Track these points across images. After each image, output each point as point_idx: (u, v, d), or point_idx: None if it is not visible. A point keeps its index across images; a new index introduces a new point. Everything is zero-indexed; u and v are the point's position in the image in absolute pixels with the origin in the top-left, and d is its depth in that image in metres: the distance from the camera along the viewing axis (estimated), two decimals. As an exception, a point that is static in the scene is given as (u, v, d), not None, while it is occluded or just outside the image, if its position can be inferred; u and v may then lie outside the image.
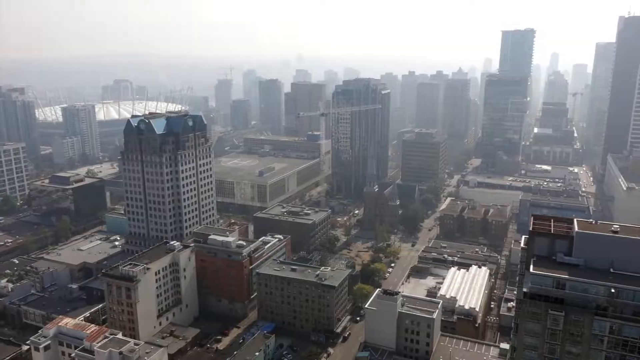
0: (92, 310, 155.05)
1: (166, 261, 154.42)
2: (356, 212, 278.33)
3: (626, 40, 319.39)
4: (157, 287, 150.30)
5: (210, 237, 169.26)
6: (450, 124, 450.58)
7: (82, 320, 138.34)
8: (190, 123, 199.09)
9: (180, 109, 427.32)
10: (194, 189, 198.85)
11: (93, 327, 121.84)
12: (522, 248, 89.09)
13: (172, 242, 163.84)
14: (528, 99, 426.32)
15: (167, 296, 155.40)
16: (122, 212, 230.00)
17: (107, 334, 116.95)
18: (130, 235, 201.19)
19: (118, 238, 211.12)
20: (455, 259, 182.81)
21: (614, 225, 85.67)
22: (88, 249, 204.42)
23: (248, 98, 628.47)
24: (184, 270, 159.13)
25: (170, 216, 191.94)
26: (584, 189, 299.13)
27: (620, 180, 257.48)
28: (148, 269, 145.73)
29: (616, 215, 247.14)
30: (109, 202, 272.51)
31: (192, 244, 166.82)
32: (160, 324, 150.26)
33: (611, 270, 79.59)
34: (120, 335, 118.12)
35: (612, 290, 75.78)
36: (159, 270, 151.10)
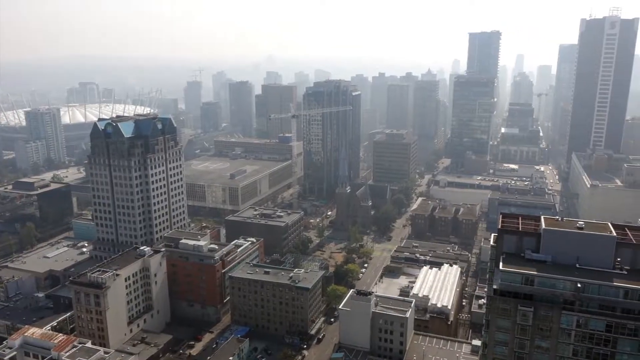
0: (60, 319, 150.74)
1: (136, 267, 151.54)
2: (329, 213, 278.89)
3: (588, 42, 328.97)
4: (127, 294, 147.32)
5: (181, 241, 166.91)
6: (420, 124, 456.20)
7: (49, 329, 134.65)
8: (160, 126, 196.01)
9: (149, 111, 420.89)
10: (164, 193, 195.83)
11: (61, 337, 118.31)
12: (492, 246, 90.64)
13: (142, 248, 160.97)
14: (495, 99, 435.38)
15: (138, 302, 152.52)
16: (90, 217, 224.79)
17: (75, 344, 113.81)
18: (99, 241, 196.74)
19: (86, 244, 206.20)
20: (427, 258, 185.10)
21: (579, 222, 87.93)
22: (54, 256, 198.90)
23: (218, 100, 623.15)
24: (155, 275, 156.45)
25: (140, 221, 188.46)
26: (550, 187, 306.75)
27: (584, 178, 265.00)
28: (117, 275, 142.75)
29: (581, 212, 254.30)
30: (76, 207, 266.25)
31: (162, 249, 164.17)
32: (131, 331, 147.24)
33: (577, 265, 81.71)
34: (89, 344, 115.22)
35: (579, 285, 77.77)
36: (129, 276, 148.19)
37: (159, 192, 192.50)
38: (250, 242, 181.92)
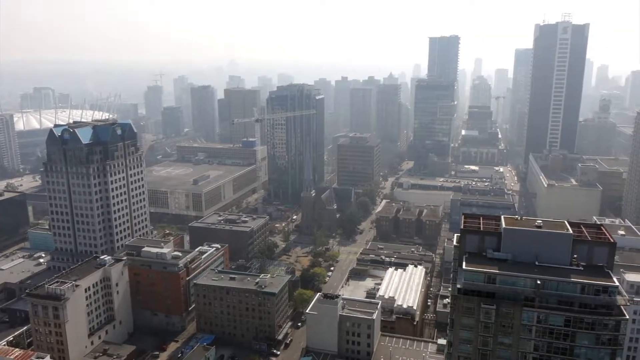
0: (16, 333, 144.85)
1: (97, 277, 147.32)
2: (294, 217, 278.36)
3: (542, 46, 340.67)
4: (87, 305, 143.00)
5: (143, 249, 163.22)
6: (383, 127, 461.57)
7: (4, 345, 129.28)
8: (119, 131, 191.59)
9: (107, 117, 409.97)
10: (125, 200, 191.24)
11: (18, 352, 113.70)
12: (455, 246, 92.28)
13: (102, 257, 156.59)
14: (455, 102, 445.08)
15: (99, 313, 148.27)
16: (47, 227, 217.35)
17: (33, 358, 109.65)
18: (57, 251, 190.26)
19: (43, 255, 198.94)
20: (392, 259, 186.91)
21: (537, 221, 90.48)
22: (9, 268, 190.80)
23: (180, 105, 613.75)
24: (117, 285, 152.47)
25: (99, 229, 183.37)
26: (509, 188, 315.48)
27: (541, 178, 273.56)
28: (77, 286, 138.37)
29: (539, 211, 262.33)
30: (32, 217, 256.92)
31: (124, 258, 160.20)
32: (92, 343, 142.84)
33: (536, 263, 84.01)
34: (48, 359, 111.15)
35: (538, 282, 80.00)
36: (89, 287, 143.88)
37: (119, 200, 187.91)
38: (215, 249, 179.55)
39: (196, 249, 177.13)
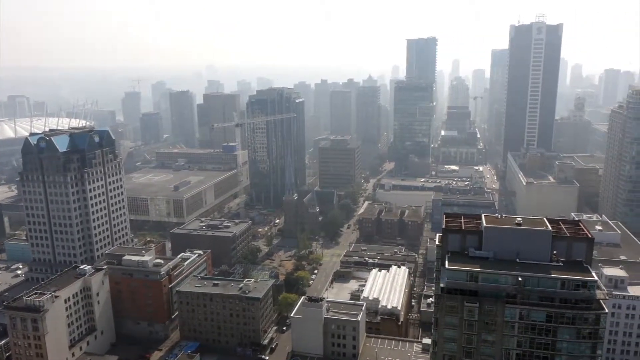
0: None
1: (76, 287, 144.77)
2: (277, 221, 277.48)
3: (517, 46, 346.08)
4: (67, 316, 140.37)
5: (124, 257, 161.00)
6: (364, 129, 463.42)
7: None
8: (97, 139, 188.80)
9: (84, 124, 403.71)
10: (104, 208, 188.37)
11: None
12: (437, 245, 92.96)
13: (82, 266, 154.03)
14: (434, 103, 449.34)
15: (80, 324, 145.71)
16: (24, 237, 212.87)
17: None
18: (35, 262, 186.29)
19: (20, 266, 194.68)
20: (376, 260, 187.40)
21: (517, 218, 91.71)
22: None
23: (159, 111, 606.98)
24: (97, 294, 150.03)
25: (78, 239, 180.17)
26: (489, 186, 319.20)
27: (520, 176, 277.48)
28: (56, 297, 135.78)
29: (518, 208, 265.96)
30: (8, 228, 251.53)
31: (104, 267, 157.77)
32: (73, 354, 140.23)
33: (517, 260, 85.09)
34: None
35: (520, 279, 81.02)
36: (69, 298, 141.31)
37: (98, 208, 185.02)
38: (197, 255, 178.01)
39: (178, 256, 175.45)
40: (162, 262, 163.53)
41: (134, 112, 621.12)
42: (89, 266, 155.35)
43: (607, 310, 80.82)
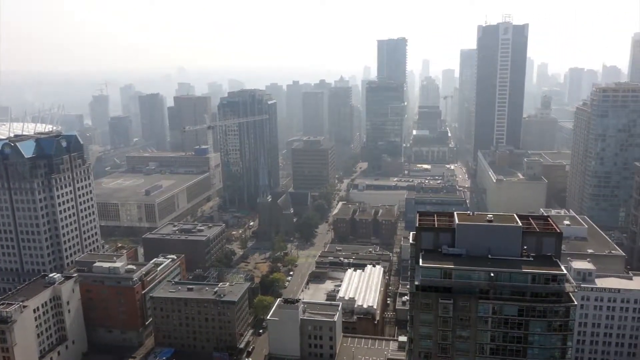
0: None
1: (46, 296, 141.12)
2: (251, 223, 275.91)
3: (485, 46, 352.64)
4: (37, 326, 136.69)
5: (95, 264, 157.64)
6: (336, 130, 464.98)
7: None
8: (64, 144, 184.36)
9: (51, 129, 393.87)
10: (73, 215, 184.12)
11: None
12: (411, 244, 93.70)
13: (51, 275, 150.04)
14: (405, 103, 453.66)
15: (50, 334, 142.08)
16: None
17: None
18: (1, 271, 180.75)
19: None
20: (351, 260, 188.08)
21: (488, 215, 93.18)
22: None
23: (128, 114, 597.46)
24: (68, 303, 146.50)
25: (47, 246, 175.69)
26: (460, 184, 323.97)
27: (490, 173, 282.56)
28: (25, 307, 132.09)
29: (489, 205, 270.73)
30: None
31: (75, 274, 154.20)
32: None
33: (489, 256, 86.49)
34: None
35: (492, 275, 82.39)
36: (38, 307, 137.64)
37: (67, 215, 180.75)
38: (170, 260, 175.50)
39: (151, 261, 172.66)
40: (135, 268, 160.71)
41: (102, 116, 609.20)
42: (59, 274, 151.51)
43: (576, 303, 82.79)
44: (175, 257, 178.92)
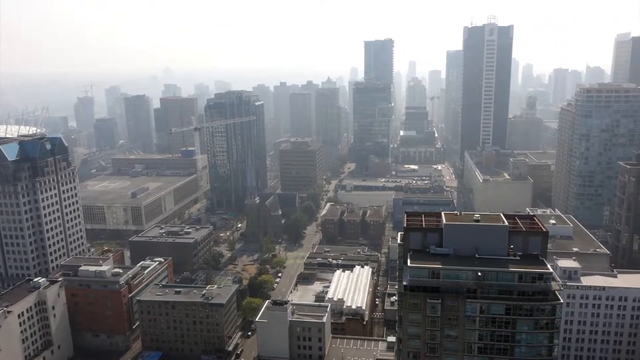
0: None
1: (30, 301, 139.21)
2: (239, 225, 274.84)
3: (471, 47, 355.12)
4: (22, 331, 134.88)
5: (81, 268, 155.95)
6: (324, 131, 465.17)
7: None
8: (49, 146, 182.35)
9: (35, 131, 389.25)
10: (58, 218, 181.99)
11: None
12: (399, 244, 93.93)
13: (36, 279, 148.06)
14: (392, 104, 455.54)
15: (35, 339, 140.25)
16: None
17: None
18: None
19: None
20: (339, 261, 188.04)
21: (475, 215, 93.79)
22: None
23: (113, 116, 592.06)
24: (53, 308, 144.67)
25: (31, 250, 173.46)
26: (447, 184, 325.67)
27: (476, 173, 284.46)
28: (9, 312, 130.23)
29: (476, 205, 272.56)
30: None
31: (60, 279, 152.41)
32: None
33: (476, 255, 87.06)
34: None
35: (479, 274, 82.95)
36: (22, 312, 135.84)
37: (52, 218, 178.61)
38: (158, 262, 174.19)
39: (138, 265, 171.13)
40: (121, 271, 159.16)
41: (87, 118, 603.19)
42: (44, 279, 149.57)
43: (562, 301, 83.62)
44: (163, 260, 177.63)
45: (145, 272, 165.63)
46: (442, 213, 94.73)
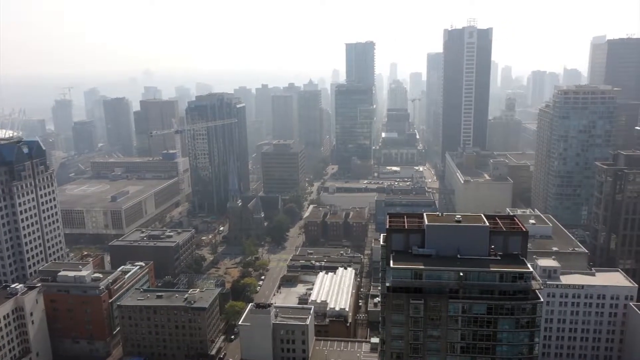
0: None
1: (7, 308, 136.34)
2: (221, 228, 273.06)
3: (451, 50, 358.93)
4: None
5: (59, 273, 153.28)
6: (306, 133, 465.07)
7: None
8: (26, 150, 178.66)
9: (11, 134, 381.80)
10: (36, 223, 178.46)
11: None
12: (382, 245, 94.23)
13: (13, 285, 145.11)
14: (374, 106, 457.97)
15: (12, 347, 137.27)
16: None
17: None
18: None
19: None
20: (323, 263, 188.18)
21: (457, 216, 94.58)
22: None
23: (92, 119, 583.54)
24: (31, 314, 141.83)
25: (8, 256, 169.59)
26: (429, 186, 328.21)
27: (457, 174, 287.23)
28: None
29: (457, 206, 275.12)
30: None
31: (38, 284, 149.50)
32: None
33: (458, 256, 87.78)
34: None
35: (461, 274, 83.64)
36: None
37: (29, 223, 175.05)
38: (138, 267, 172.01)
39: (118, 269, 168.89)
40: (101, 276, 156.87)
41: (65, 121, 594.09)
42: (21, 285, 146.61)
43: (542, 300, 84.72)
44: (144, 264, 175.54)
45: (126, 276, 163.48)
46: (424, 214, 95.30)
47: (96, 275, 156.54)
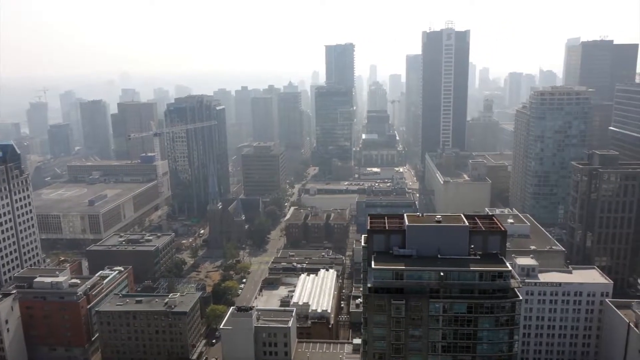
0: None
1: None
2: (201, 232, 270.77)
3: (429, 52, 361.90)
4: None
5: (35, 280, 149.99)
6: (287, 135, 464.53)
7: None
8: (0, 154, 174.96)
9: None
10: (11, 229, 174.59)
11: None
12: (363, 246, 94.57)
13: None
14: (354, 108, 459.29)
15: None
16: None
17: None
18: None
19: None
20: (304, 265, 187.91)
21: (437, 216, 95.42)
22: None
23: (69, 122, 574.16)
24: (6, 322, 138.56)
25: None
26: (409, 187, 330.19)
27: (437, 175, 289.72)
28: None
29: (437, 206, 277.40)
30: None
31: (13, 291, 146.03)
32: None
33: (439, 256, 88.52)
34: None
35: (442, 274, 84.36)
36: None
37: (4, 228, 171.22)
38: (117, 272, 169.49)
39: (96, 274, 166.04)
40: (79, 282, 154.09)
41: (40, 124, 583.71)
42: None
43: (521, 298, 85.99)
44: (123, 269, 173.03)
45: (105, 282, 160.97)
46: (405, 215, 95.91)
47: (74, 281, 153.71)
